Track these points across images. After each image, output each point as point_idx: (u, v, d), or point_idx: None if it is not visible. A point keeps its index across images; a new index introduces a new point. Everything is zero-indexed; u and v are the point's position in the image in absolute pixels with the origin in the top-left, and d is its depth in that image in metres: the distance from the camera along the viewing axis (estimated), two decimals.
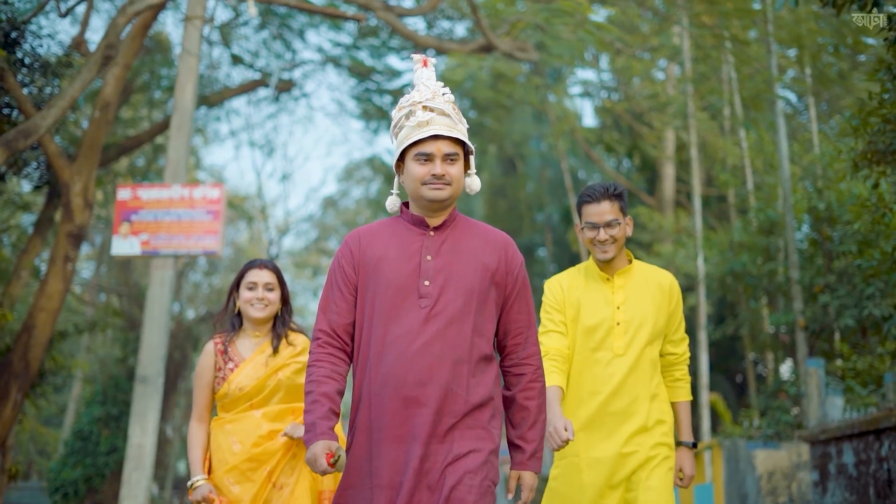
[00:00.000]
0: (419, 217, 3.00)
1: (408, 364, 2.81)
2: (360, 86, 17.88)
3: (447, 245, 2.97)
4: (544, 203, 22.86)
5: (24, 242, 15.53)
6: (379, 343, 2.87)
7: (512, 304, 3.02)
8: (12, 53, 11.50)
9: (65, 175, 11.95)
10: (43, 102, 11.84)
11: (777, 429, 10.71)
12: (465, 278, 2.92)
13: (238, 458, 3.80)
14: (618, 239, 3.75)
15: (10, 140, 9.17)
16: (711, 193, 18.45)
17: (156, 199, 8.62)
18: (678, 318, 3.84)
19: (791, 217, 10.66)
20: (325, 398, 2.87)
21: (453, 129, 2.92)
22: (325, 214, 28.28)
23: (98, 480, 17.74)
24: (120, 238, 8.59)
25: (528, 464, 2.94)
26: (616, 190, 3.79)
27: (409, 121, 2.93)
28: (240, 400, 3.90)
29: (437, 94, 2.97)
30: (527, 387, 2.99)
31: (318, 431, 2.83)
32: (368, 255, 2.98)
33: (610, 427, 3.65)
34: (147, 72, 16.56)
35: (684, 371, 3.87)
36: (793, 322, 11.11)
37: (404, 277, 2.91)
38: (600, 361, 3.70)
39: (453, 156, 2.92)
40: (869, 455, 7.01)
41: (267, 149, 21.83)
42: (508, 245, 3.05)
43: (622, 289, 3.79)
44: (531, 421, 2.96)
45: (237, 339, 4.04)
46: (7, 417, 11.59)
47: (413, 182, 2.93)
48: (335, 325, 2.97)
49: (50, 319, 12.18)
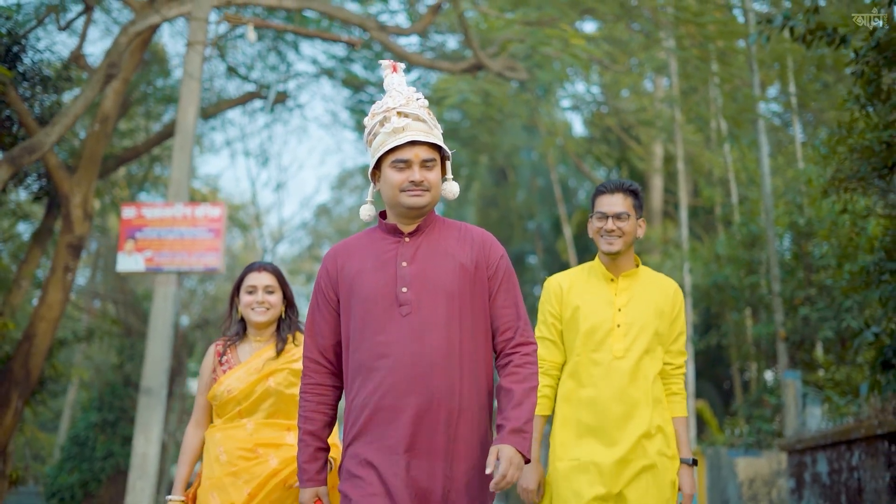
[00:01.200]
0: (392, 225, 2.97)
1: (398, 374, 2.78)
2: (353, 97, 18.20)
3: (422, 250, 2.93)
4: (535, 212, 23.20)
5: (23, 252, 15.79)
6: (368, 355, 2.83)
7: (495, 298, 2.94)
8: (13, 68, 11.78)
9: (65, 187, 12.22)
10: (44, 115, 12.14)
11: (758, 437, 11.05)
12: (444, 281, 2.87)
13: (222, 470, 3.68)
14: (626, 233, 3.69)
15: (16, 156, 9.45)
16: (699, 204, 18.79)
17: (159, 217, 8.93)
18: (678, 328, 3.75)
19: (773, 231, 11.00)
20: (311, 437, 2.94)
21: (429, 135, 2.88)
22: (319, 222, 28.60)
23: (94, 485, 17.91)
24: (125, 255, 8.90)
25: (508, 438, 2.74)
26: (631, 186, 3.76)
27: (384, 127, 2.88)
28: (228, 404, 3.77)
29: (410, 100, 2.93)
30: (512, 372, 2.87)
31: (305, 478, 2.93)
32: (346, 271, 2.96)
33: (610, 433, 3.55)
34: (144, 83, 16.81)
35: (680, 385, 3.78)
36: (774, 333, 11.45)
37: (382, 286, 2.87)
38: (599, 364, 3.61)
39: (430, 162, 2.88)
40: (841, 464, 7.33)
41: (262, 158, 22.09)
42: (486, 240, 3.00)
43: (626, 291, 3.72)
44: (514, 402, 2.81)
45: (240, 343, 3.93)
46: (8, 424, 11.83)
47: (391, 189, 2.89)
48: (322, 347, 2.99)
49: (50, 328, 12.45)
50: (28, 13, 14.53)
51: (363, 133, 3.15)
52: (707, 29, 10.94)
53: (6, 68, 11.30)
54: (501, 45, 11.61)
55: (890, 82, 5.94)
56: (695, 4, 10.90)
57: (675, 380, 3.75)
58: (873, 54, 5.42)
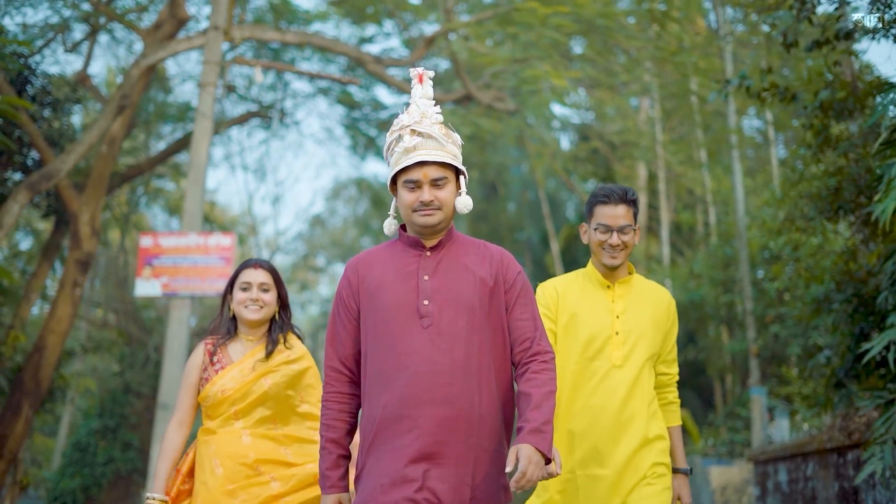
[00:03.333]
0: (415, 238, 2.98)
1: (418, 384, 2.78)
2: (348, 115, 18.83)
3: (444, 264, 2.95)
4: (524, 225, 23.83)
5: (30, 266, 16.36)
6: (388, 365, 2.84)
7: (512, 311, 2.96)
8: (23, 90, 12.34)
9: (73, 206, 12.81)
10: (52, 136, 12.71)
11: (730, 448, 11.72)
12: (464, 295, 2.89)
13: (218, 487, 3.52)
14: (628, 246, 3.58)
15: (34, 182, 10.07)
16: (681, 219, 19.46)
17: (174, 246, 9.58)
18: (673, 338, 3.68)
19: (745, 254, 11.67)
20: (334, 445, 2.95)
21: (440, 152, 2.89)
22: (313, 232, 29.20)
23: (95, 490, 18.28)
24: (143, 280, 9.54)
25: (527, 437, 2.70)
26: (632, 195, 3.61)
27: (398, 146, 2.90)
28: (222, 404, 3.65)
29: (425, 116, 2.93)
30: (530, 377, 2.86)
31: (328, 485, 2.92)
32: (367, 282, 2.97)
33: (608, 444, 3.44)
34: (150, 102, 17.39)
35: (675, 394, 3.70)
36: (748, 349, 12.11)
37: (404, 298, 2.89)
38: (597, 372, 3.50)
39: (441, 180, 2.89)
40: (798, 474, 8.01)
41: (259, 174, 22.68)
42: (504, 257, 3.03)
43: (623, 298, 3.61)
44: (533, 405, 2.78)
45: (230, 342, 3.80)
46: (19, 432, 12.37)
47: (404, 209, 2.92)
48: (343, 356, 2.99)
49: (59, 341, 13.04)
50: (33, 33, 15.13)
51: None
52: (685, 68, 11.60)
53: (17, 92, 11.90)
54: (492, 76, 12.27)
55: (837, 133, 6.61)
56: (674, 42, 11.56)
57: (671, 389, 3.69)
58: (818, 112, 6.08)
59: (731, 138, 11.75)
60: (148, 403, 18.61)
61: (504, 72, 12.00)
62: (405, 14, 16.09)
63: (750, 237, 12.19)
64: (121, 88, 10.29)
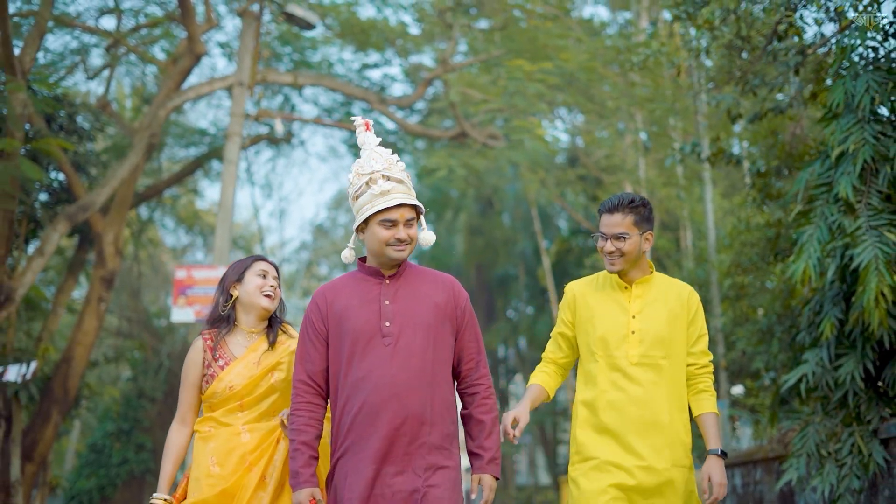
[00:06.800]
0: (375, 268, 3.37)
1: (381, 394, 3.17)
2: (352, 137, 19.90)
3: (402, 290, 3.33)
4: (518, 238, 24.85)
5: (55, 282, 17.39)
6: (354, 379, 3.22)
7: (462, 334, 3.39)
8: (52, 122, 13.32)
9: (98, 226, 13.86)
10: (79, 162, 13.71)
11: (699, 452, 12.80)
12: (422, 317, 3.28)
13: (210, 488, 3.51)
14: (626, 253, 3.66)
15: (72, 214, 11.15)
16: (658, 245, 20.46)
17: (205, 277, 10.69)
18: (698, 330, 3.75)
19: (715, 276, 12.75)
20: (305, 447, 3.26)
21: (410, 196, 3.29)
22: (317, 241, 30.26)
23: (110, 490, 18.86)
24: (178, 308, 10.64)
25: (487, 468, 3.28)
26: (633, 202, 3.69)
27: (371, 189, 3.25)
28: (229, 399, 3.64)
29: (391, 164, 3.31)
30: (480, 403, 3.36)
31: (301, 480, 3.24)
32: (335, 307, 3.33)
33: (631, 438, 3.57)
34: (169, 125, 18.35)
35: (708, 383, 3.75)
36: (717, 364, 13.19)
37: (368, 321, 3.26)
38: (616, 370, 3.64)
39: (412, 220, 3.30)
40: (749, 479, 9.15)
41: (266, 191, 23.77)
42: (454, 285, 3.44)
43: (640, 298, 3.72)
44: (487, 431, 3.33)
45: (229, 335, 3.75)
46: (48, 437, 13.39)
47: (378, 244, 3.28)
48: (311, 372, 3.33)
49: (85, 352, 14.09)
50: (53, 59, 16.10)
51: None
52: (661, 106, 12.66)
53: (45, 120, 12.89)
54: (484, 116, 13.38)
55: (777, 190, 7.73)
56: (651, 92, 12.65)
57: (703, 378, 3.74)
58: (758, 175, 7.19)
59: (704, 175, 12.81)
60: (160, 408, 19.55)
61: (495, 115, 13.09)
62: (407, 43, 17.12)
63: (720, 260, 13.28)
64: (149, 128, 11.38)
